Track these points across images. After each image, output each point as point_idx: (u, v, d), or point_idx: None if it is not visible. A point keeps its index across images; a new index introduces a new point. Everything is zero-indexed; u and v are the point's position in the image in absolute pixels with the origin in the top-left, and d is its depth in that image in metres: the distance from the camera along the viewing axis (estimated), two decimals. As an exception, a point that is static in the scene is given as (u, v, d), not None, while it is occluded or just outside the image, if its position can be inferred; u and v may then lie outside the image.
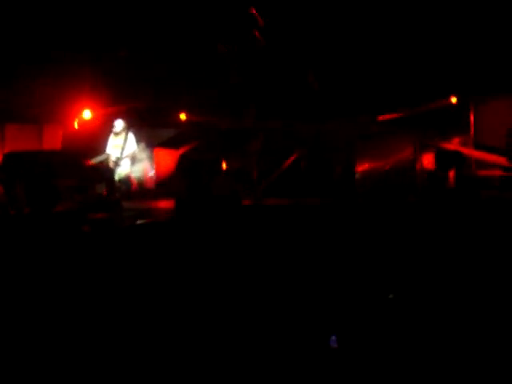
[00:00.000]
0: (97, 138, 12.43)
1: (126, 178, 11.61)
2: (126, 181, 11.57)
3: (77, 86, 13.19)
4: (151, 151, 13.02)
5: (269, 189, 12.27)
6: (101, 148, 11.87)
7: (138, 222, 8.04)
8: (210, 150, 13.76)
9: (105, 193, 10.25)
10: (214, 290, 5.53)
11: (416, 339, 4.56)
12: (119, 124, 11.72)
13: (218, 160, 13.03)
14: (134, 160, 11.91)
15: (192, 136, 14.23)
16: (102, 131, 12.38)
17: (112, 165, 11.37)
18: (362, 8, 13.43)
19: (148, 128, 14.29)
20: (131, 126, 12.14)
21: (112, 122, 11.96)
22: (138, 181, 12.14)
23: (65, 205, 8.51)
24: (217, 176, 12.28)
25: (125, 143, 11.57)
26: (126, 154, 11.55)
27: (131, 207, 10.10)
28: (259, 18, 14.05)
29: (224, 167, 12.91)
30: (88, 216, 8.13)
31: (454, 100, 13.06)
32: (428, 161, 11.77)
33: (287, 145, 13.83)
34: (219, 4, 13.66)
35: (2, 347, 4.42)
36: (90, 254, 6.32)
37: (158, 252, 6.65)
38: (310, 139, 13.87)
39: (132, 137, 11.88)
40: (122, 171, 11.50)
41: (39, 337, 4.55)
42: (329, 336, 4.58)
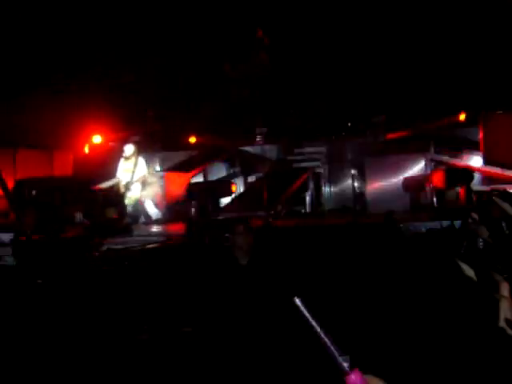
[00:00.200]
0: (107, 162, 12.50)
1: (137, 203, 11.62)
2: (137, 205, 11.59)
3: (87, 112, 13.32)
4: (162, 175, 13.06)
5: (280, 209, 12.25)
6: (111, 173, 11.92)
7: (149, 246, 8.05)
8: (220, 173, 13.82)
9: (115, 217, 10.27)
10: (225, 311, 5.51)
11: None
12: (129, 148, 11.77)
13: (228, 182, 13.05)
14: (144, 184, 11.92)
15: (202, 159, 14.28)
16: (112, 156, 12.46)
17: (122, 189, 11.40)
18: (371, 26, 13.50)
19: (158, 152, 14.38)
20: (141, 150, 12.19)
21: (122, 146, 12.02)
22: (149, 205, 12.15)
23: (75, 230, 8.54)
24: (227, 198, 12.31)
25: (135, 167, 11.61)
26: (137, 178, 11.58)
27: (142, 231, 10.11)
28: (266, 40, 14.17)
29: (234, 189, 12.94)
30: (98, 241, 8.14)
31: (462, 117, 13.06)
32: (438, 179, 11.72)
33: (297, 166, 13.85)
34: (227, 27, 13.79)
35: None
36: (99, 278, 6.32)
37: (168, 275, 6.65)
38: (319, 159, 13.89)
39: (142, 161, 11.92)
40: (132, 195, 11.52)
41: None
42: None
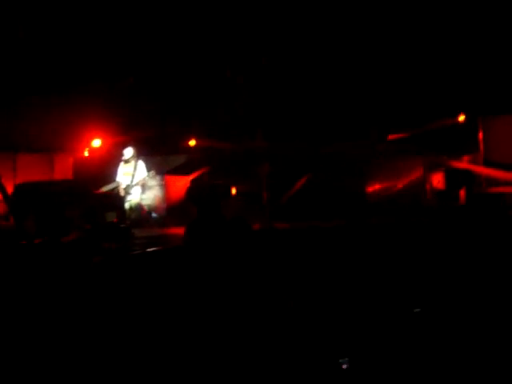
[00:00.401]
0: (107, 166, 12.51)
1: (137, 206, 11.63)
2: (137, 208, 11.60)
3: (86, 116, 13.31)
4: (162, 178, 13.06)
5: (279, 212, 12.25)
6: (111, 176, 11.93)
7: (149, 249, 8.03)
8: (220, 175, 13.81)
9: (115, 221, 10.27)
10: (225, 315, 5.51)
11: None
12: (129, 152, 11.79)
13: (227, 185, 13.04)
14: (144, 187, 11.94)
15: (202, 162, 14.29)
16: (112, 159, 12.47)
17: (122, 193, 11.42)
18: (369, 26, 13.50)
19: (158, 155, 14.38)
20: (141, 153, 12.20)
21: (122, 150, 12.03)
22: (149, 208, 12.16)
23: (75, 234, 8.53)
24: (227, 201, 12.27)
25: (135, 171, 11.62)
26: (137, 181, 11.59)
27: (142, 235, 10.10)
28: (265, 45, 14.17)
29: (234, 192, 12.93)
30: (98, 245, 8.13)
31: (461, 118, 13.07)
32: (438, 180, 11.72)
33: (296, 168, 13.85)
34: (227, 31, 13.79)
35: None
36: (100, 282, 6.32)
37: (168, 279, 6.64)
38: (319, 161, 13.88)
39: (142, 164, 11.94)
40: (132, 199, 11.53)
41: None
42: (341, 357, 4.55)
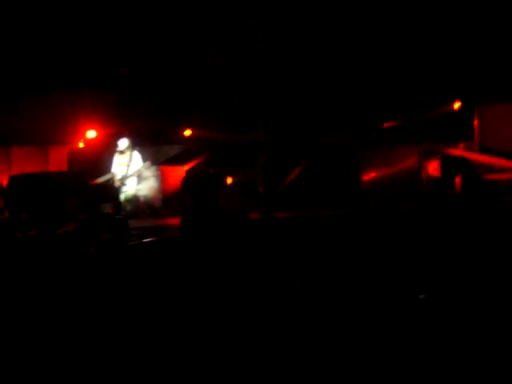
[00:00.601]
0: (102, 157, 12.48)
1: (133, 197, 11.62)
2: (133, 199, 11.59)
3: (81, 107, 13.26)
4: (157, 169, 13.03)
5: (276, 201, 12.25)
6: (106, 167, 11.91)
7: (145, 240, 8.02)
8: (216, 165, 13.78)
9: (111, 212, 10.26)
10: (222, 306, 5.49)
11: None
12: (123, 143, 11.76)
13: (223, 174, 13.01)
14: (140, 178, 11.92)
15: (197, 152, 14.26)
16: (107, 150, 12.44)
17: (117, 184, 11.40)
18: (364, 15, 13.46)
19: (153, 146, 14.34)
20: (136, 144, 12.18)
21: (117, 141, 12.00)
22: (145, 199, 12.14)
23: (70, 225, 8.50)
24: (222, 190, 12.26)
25: (130, 162, 11.60)
26: (132, 172, 11.57)
27: (138, 226, 10.08)
28: (261, 32, 14.11)
29: (230, 181, 12.91)
30: (94, 236, 8.11)
31: (457, 106, 13.07)
32: (433, 168, 11.73)
33: (292, 157, 13.83)
34: (221, 18, 13.72)
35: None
36: (96, 273, 6.30)
37: (164, 269, 6.63)
38: (314, 150, 13.86)
39: (137, 155, 11.91)
40: (128, 190, 11.51)
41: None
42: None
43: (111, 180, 11.50)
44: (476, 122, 12.83)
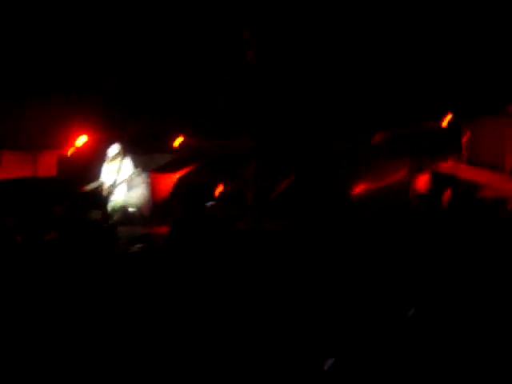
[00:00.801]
0: (92, 164, 12.44)
1: (122, 204, 11.58)
2: (122, 207, 11.54)
3: (71, 113, 13.23)
4: (147, 176, 13.01)
5: (264, 212, 12.26)
6: (96, 174, 11.87)
7: (133, 247, 8.02)
8: (206, 174, 13.78)
9: (99, 219, 10.23)
10: (210, 314, 5.50)
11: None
12: (114, 150, 11.74)
13: (212, 184, 13.03)
14: (129, 185, 11.89)
15: (187, 161, 14.25)
16: (97, 157, 12.39)
17: (107, 191, 11.36)
18: (355, 28, 13.55)
19: (144, 153, 14.31)
20: (126, 151, 12.15)
21: (107, 147, 11.97)
22: (134, 206, 12.11)
23: (58, 232, 8.49)
24: (212, 200, 12.28)
25: (120, 169, 11.57)
26: (122, 179, 11.54)
27: (127, 233, 10.06)
28: (252, 41, 14.17)
29: (219, 191, 12.91)
30: (82, 243, 8.10)
31: (446, 121, 13.16)
32: (422, 182, 11.80)
33: (282, 167, 13.85)
34: (213, 28, 13.77)
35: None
36: (83, 281, 6.30)
37: (152, 277, 6.63)
38: (305, 161, 13.89)
39: (127, 162, 11.89)
40: (117, 197, 11.48)
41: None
42: (325, 358, 4.56)
43: (100, 187, 11.46)
44: (464, 136, 12.92)
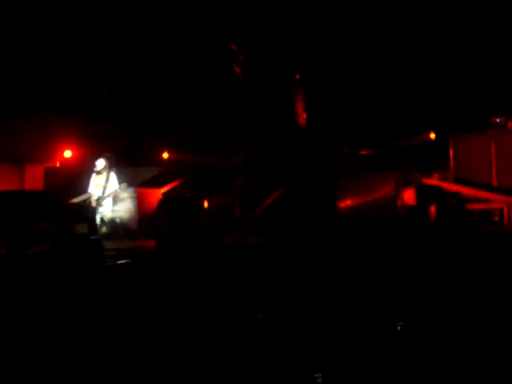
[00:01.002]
0: (79, 177, 12.39)
1: (109, 218, 11.53)
2: (108, 220, 11.50)
3: (59, 126, 13.21)
4: (134, 190, 12.99)
5: (252, 226, 12.26)
6: (83, 187, 11.82)
7: (119, 261, 7.98)
8: (192, 189, 13.78)
9: (86, 232, 10.18)
10: (196, 327, 5.48)
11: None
12: (100, 163, 11.70)
13: (199, 198, 13.03)
14: (116, 199, 11.86)
15: (174, 175, 14.24)
16: (84, 170, 12.36)
17: (93, 204, 11.32)
18: (343, 46, 13.66)
19: (131, 167, 14.30)
20: (113, 165, 12.12)
21: (94, 161, 11.93)
22: (121, 220, 12.07)
23: (43, 245, 8.44)
24: (198, 214, 12.28)
25: (107, 182, 11.53)
26: (108, 193, 11.50)
27: (113, 247, 10.03)
28: (240, 55, 14.23)
29: (206, 205, 12.91)
30: (69, 256, 8.05)
31: (432, 136, 13.26)
32: (409, 196, 11.86)
33: (270, 182, 13.88)
34: (200, 43, 13.82)
35: None
36: (69, 294, 6.25)
37: (137, 291, 6.60)
38: (292, 176, 13.93)
39: (114, 176, 11.85)
40: (104, 211, 11.43)
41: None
42: (314, 373, 4.55)
43: (87, 200, 11.41)
44: (451, 152, 13.03)
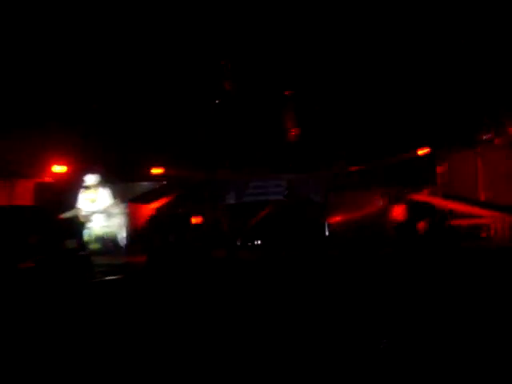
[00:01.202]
0: (68, 192, 12.38)
1: (98, 233, 11.52)
2: (98, 236, 11.49)
3: (48, 141, 13.19)
4: (125, 206, 12.99)
5: (242, 241, 12.29)
6: (72, 202, 11.81)
7: (108, 277, 7.96)
8: (183, 204, 13.80)
9: (75, 248, 10.16)
10: (186, 344, 5.47)
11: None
12: (90, 178, 11.72)
13: (189, 214, 13.03)
14: (107, 215, 11.85)
15: (165, 190, 14.25)
16: (74, 186, 12.34)
17: (83, 220, 11.32)
18: (334, 62, 13.76)
19: (122, 183, 14.30)
20: (103, 180, 12.12)
21: (84, 176, 11.94)
22: (111, 236, 12.05)
23: (33, 260, 8.41)
24: (189, 230, 12.29)
25: (96, 198, 11.54)
26: (99, 208, 11.51)
27: (103, 262, 9.99)
28: (230, 70, 14.30)
29: (196, 221, 12.92)
30: (58, 271, 8.03)
31: (420, 152, 13.37)
32: (397, 212, 11.93)
33: (259, 198, 13.94)
34: (191, 58, 13.88)
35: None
36: (57, 310, 6.23)
37: (126, 307, 6.58)
38: (282, 192, 13.98)
39: (105, 191, 11.86)
40: (94, 226, 11.43)
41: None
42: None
43: (76, 216, 11.40)
44: (438, 168, 13.15)
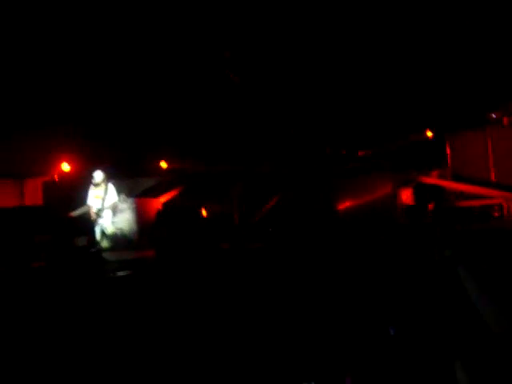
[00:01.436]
0: (77, 189, 12.40)
1: (108, 230, 11.54)
2: (108, 232, 11.50)
3: (56, 140, 13.21)
4: (133, 201, 13.00)
5: (250, 232, 12.28)
6: (81, 200, 11.84)
7: (119, 273, 7.99)
8: (191, 197, 13.80)
9: (86, 245, 10.19)
10: (196, 337, 5.49)
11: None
12: (98, 175, 11.72)
13: (197, 207, 13.03)
14: (115, 211, 11.87)
15: (173, 184, 14.27)
16: (83, 183, 12.37)
17: (93, 216, 11.34)
18: (337, 48, 13.68)
19: (129, 178, 14.31)
20: (111, 176, 12.13)
21: (92, 173, 11.95)
22: (121, 231, 12.07)
23: (45, 259, 8.46)
24: (197, 223, 12.30)
25: (105, 194, 11.55)
26: (107, 204, 11.52)
27: (113, 259, 10.02)
28: (234, 62, 14.25)
29: (204, 214, 12.91)
30: (69, 269, 8.07)
31: (429, 134, 13.30)
32: (407, 195, 11.88)
33: (268, 187, 13.90)
34: (195, 50, 13.84)
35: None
36: (70, 307, 6.26)
37: (138, 303, 6.60)
38: (290, 180, 13.95)
39: (112, 187, 11.87)
40: (103, 223, 11.45)
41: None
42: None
43: (86, 213, 11.43)
44: (448, 150, 13.05)
